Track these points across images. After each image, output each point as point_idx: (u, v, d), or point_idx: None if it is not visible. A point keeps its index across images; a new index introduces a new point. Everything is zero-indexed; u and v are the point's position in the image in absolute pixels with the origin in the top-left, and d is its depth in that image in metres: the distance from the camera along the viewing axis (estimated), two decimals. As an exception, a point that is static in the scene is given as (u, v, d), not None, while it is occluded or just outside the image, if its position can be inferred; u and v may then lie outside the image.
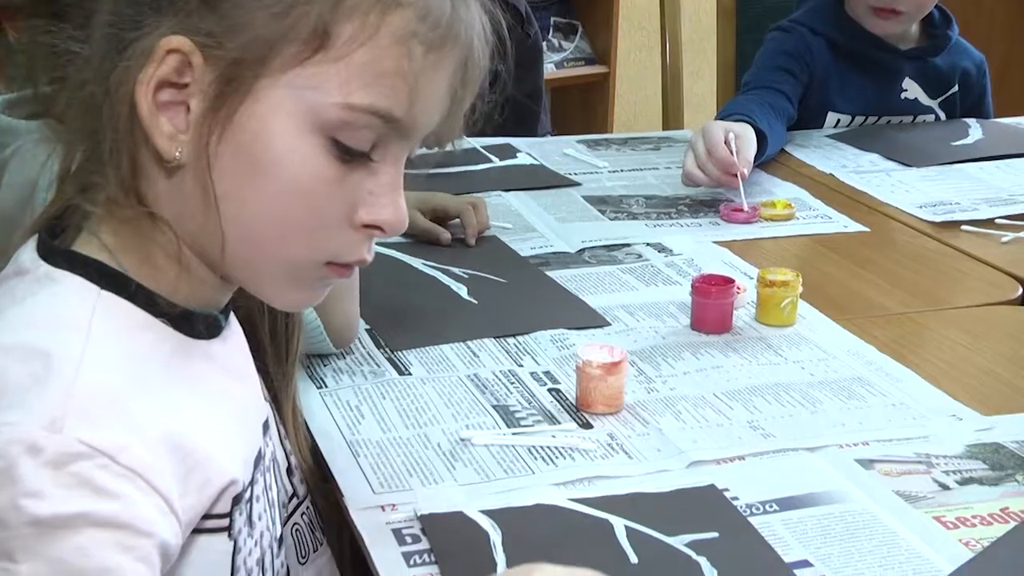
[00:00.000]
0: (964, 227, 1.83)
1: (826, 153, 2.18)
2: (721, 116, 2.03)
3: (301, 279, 0.89)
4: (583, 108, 3.72)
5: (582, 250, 1.72)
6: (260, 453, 0.95)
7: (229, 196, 0.84)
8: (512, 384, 1.32)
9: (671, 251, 1.71)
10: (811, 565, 1.02)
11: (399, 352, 1.38)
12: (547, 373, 1.35)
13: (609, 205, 1.91)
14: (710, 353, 1.40)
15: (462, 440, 1.20)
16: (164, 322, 0.87)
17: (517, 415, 1.25)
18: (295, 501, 1.05)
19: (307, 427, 1.17)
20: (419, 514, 1.07)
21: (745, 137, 1.89)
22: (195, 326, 0.90)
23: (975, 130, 2.28)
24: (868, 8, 2.22)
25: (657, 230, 1.80)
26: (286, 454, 1.05)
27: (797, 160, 2.15)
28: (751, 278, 1.55)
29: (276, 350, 1.06)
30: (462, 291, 1.55)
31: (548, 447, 1.19)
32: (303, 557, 1.04)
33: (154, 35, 0.82)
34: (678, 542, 1.04)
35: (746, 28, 2.60)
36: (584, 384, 1.26)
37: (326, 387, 1.31)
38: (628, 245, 1.74)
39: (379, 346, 1.40)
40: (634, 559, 1.01)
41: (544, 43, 3.35)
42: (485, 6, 0.89)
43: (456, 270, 1.60)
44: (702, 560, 1.02)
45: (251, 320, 1.03)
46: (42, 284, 0.85)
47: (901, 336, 1.47)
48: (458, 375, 1.34)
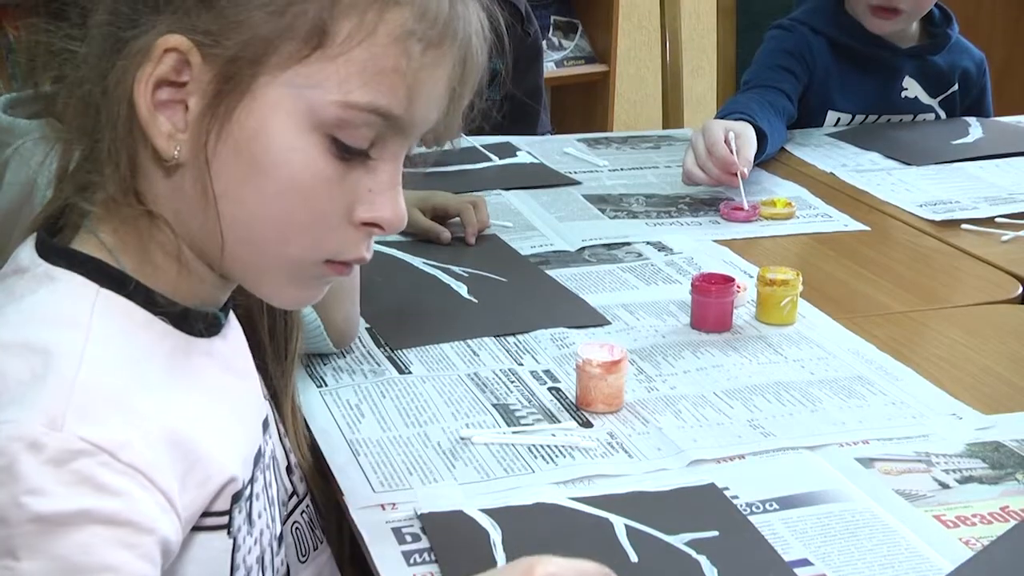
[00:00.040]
0: (964, 226, 1.83)
1: (826, 152, 2.18)
2: (721, 115, 2.03)
3: (300, 277, 0.89)
4: (583, 107, 3.72)
5: (582, 249, 1.72)
6: (260, 451, 0.95)
7: (228, 195, 0.84)
8: (512, 383, 1.32)
9: (671, 250, 1.71)
10: (811, 564, 1.02)
11: (399, 351, 1.38)
12: (547, 372, 1.35)
13: (609, 204, 1.91)
14: (710, 352, 1.40)
15: (462, 439, 1.20)
16: (164, 320, 0.87)
17: (517, 414, 1.25)
18: (295, 499, 1.05)
19: (307, 425, 1.17)
20: (419, 513, 1.07)
21: (745, 136, 1.88)
22: (195, 324, 0.90)
23: (975, 129, 2.27)
24: (867, 7, 2.21)
25: (657, 229, 1.80)
26: (285, 452, 1.05)
27: (797, 159, 2.15)
28: (751, 277, 1.55)
29: (275, 348, 1.06)
30: (462, 290, 1.55)
31: (548, 446, 1.19)
32: (303, 555, 1.04)
33: (152, 34, 0.82)
34: (678, 541, 1.04)
35: (746, 27, 2.60)
36: (584, 383, 1.26)
37: (326, 386, 1.31)
38: (628, 244, 1.74)
39: (379, 345, 1.40)
40: (634, 558, 1.01)
41: (544, 41, 3.35)
42: (483, 3, 0.89)
43: (456, 269, 1.60)
44: (702, 559, 1.02)
45: (250, 318, 1.03)
46: (41, 282, 0.85)
47: (901, 335, 1.47)
48: (458, 374, 1.34)
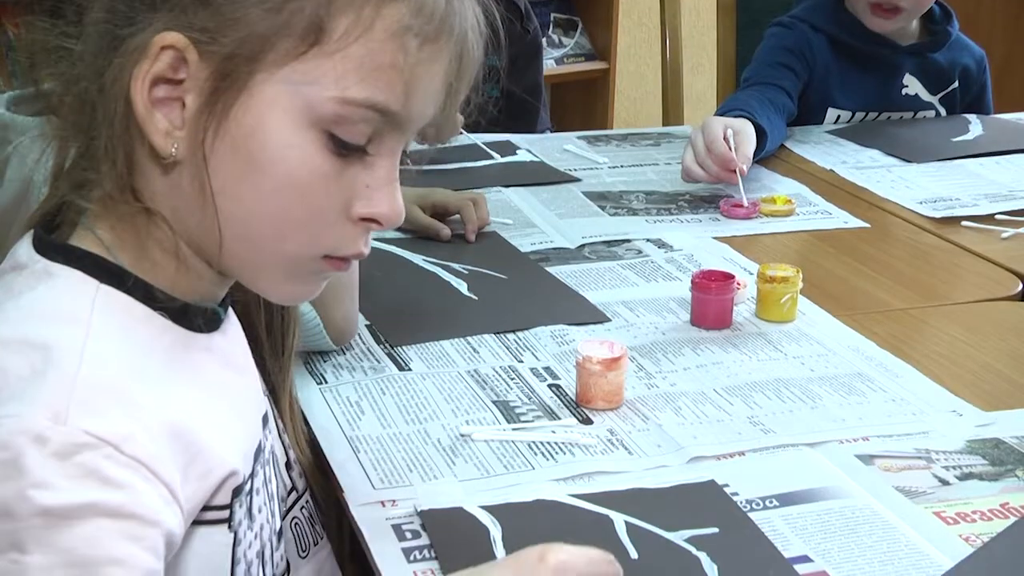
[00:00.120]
0: (964, 223, 1.83)
1: (826, 149, 2.18)
2: (721, 112, 2.03)
3: (298, 273, 0.90)
4: (583, 104, 3.72)
5: (582, 246, 1.72)
6: (260, 446, 0.95)
7: (225, 191, 0.84)
8: (512, 380, 1.32)
9: (671, 247, 1.71)
10: (811, 560, 1.02)
11: (399, 348, 1.38)
12: (547, 369, 1.35)
13: (609, 201, 1.91)
14: (710, 349, 1.40)
15: (462, 436, 1.20)
16: (163, 315, 0.87)
17: (517, 411, 1.25)
18: (294, 495, 1.05)
19: (305, 421, 1.17)
20: (419, 510, 1.07)
21: (744, 133, 1.88)
22: (194, 320, 0.90)
23: (975, 126, 2.27)
24: (867, 5, 2.21)
25: (657, 226, 1.80)
26: (284, 448, 1.05)
27: (797, 156, 2.15)
28: (751, 274, 1.55)
29: (273, 344, 1.06)
30: (462, 287, 1.55)
31: (548, 443, 1.19)
32: (303, 551, 1.04)
33: (148, 31, 0.82)
34: (678, 537, 1.04)
35: (746, 24, 2.60)
36: (584, 380, 1.26)
37: (326, 383, 1.31)
38: (628, 241, 1.74)
39: (379, 342, 1.40)
40: (634, 554, 1.01)
41: (544, 39, 3.35)
42: None
43: (456, 266, 1.60)
44: (702, 555, 1.02)
45: (248, 314, 1.03)
46: (40, 279, 0.85)
47: (901, 332, 1.47)
48: (458, 371, 1.34)
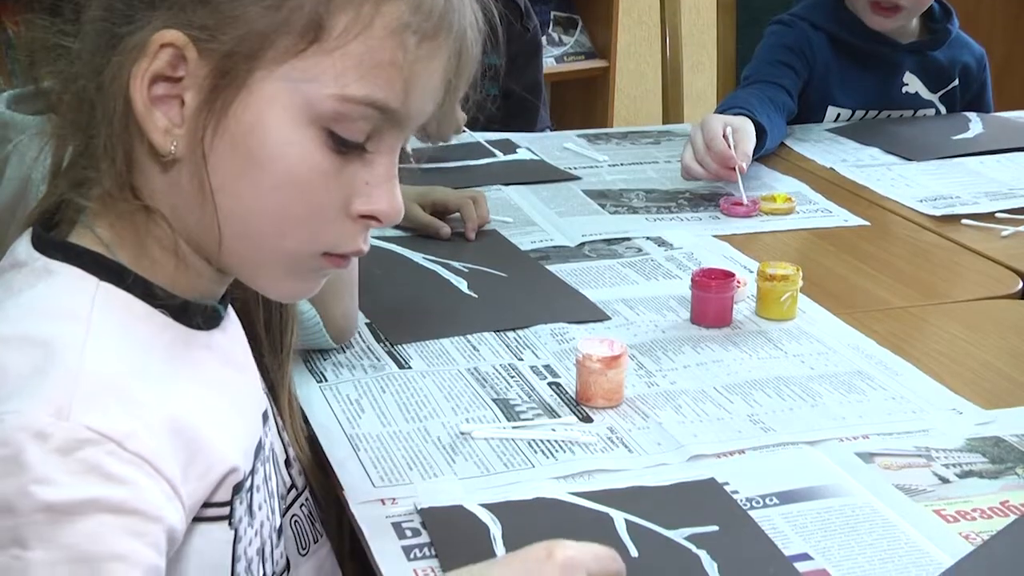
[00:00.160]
0: (964, 221, 1.82)
1: (826, 147, 2.18)
2: (721, 110, 2.02)
3: (297, 270, 0.90)
4: (583, 102, 3.72)
5: (582, 244, 1.72)
6: (260, 443, 0.95)
7: (225, 189, 0.84)
8: (512, 378, 1.32)
9: (671, 245, 1.71)
10: (811, 558, 1.02)
11: (399, 346, 1.38)
12: (547, 367, 1.35)
13: (609, 199, 1.91)
14: (710, 347, 1.40)
15: (462, 434, 1.20)
16: (163, 312, 0.87)
17: (517, 409, 1.25)
18: (293, 492, 1.05)
19: (305, 419, 1.17)
20: (419, 508, 1.07)
21: (743, 131, 1.88)
22: (194, 317, 0.90)
23: (975, 124, 2.27)
24: (867, 3, 2.21)
25: (657, 224, 1.80)
26: (284, 446, 1.05)
27: (797, 154, 2.15)
28: (751, 272, 1.55)
29: (271, 341, 1.06)
30: (462, 285, 1.55)
31: (548, 441, 1.19)
32: (303, 548, 1.04)
33: (147, 29, 0.82)
34: (678, 535, 1.04)
35: (746, 22, 2.60)
36: (584, 378, 1.26)
37: (326, 381, 1.31)
38: (628, 239, 1.73)
39: (379, 340, 1.40)
40: (634, 552, 1.01)
41: (544, 37, 3.35)
42: None
43: (456, 264, 1.60)
44: (702, 553, 1.02)
45: (247, 312, 1.03)
46: (39, 276, 0.85)
47: (901, 330, 1.47)
48: (458, 369, 1.34)
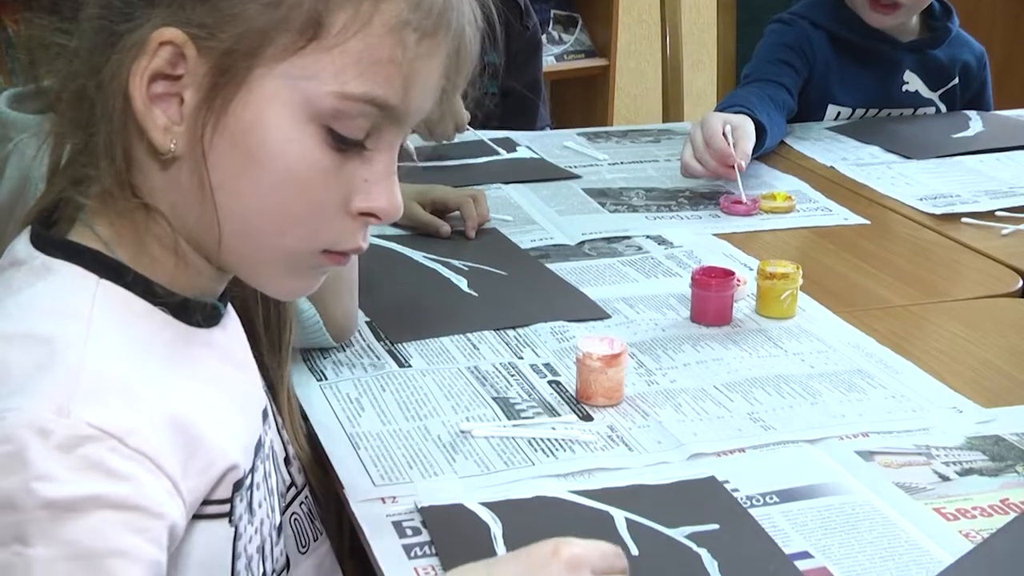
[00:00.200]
0: (964, 219, 1.82)
1: (826, 146, 2.18)
2: (721, 108, 2.02)
3: (297, 268, 0.90)
4: (583, 101, 3.72)
5: (582, 242, 1.72)
6: (260, 441, 0.95)
7: (224, 187, 0.84)
8: (512, 376, 1.32)
9: (671, 243, 1.71)
10: (811, 556, 1.02)
11: (399, 344, 1.38)
12: (547, 365, 1.35)
13: (609, 198, 1.91)
14: (710, 345, 1.40)
15: (462, 432, 1.20)
16: (163, 310, 0.87)
17: (517, 407, 1.25)
18: (293, 491, 1.05)
19: (305, 418, 1.17)
20: (419, 506, 1.07)
21: (743, 129, 1.88)
22: (194, 315, 0.90)
23: (975, 122, 2.27)
24: (866, 1, 2.21)
25: (657, 222, 1.80)
26: (283, 444, 1.05)
27: (797, 152, 2.15)
28: (751, 270, 1.55)
29: (271, 339, 1.06)
30: (462, 283, 1.55)
31: (548, 439, 1.19)
32: (303, 546, 1.04)
33: (146, 27, 0.82)
34: (678, 534, 1.04)
35: (746, 20, 2.60)
36: (584, 376, 1.26)
37: (326, 379, 1.31)
38: (628, 237, 1.73)
39: (379, 338, 1.40)
40: (635, 551, 1.01)
41: (544, 36, 3.35)
42: None
43: (456, 262, 1.60)
44: (703, 552, 1.02)
45: (246, 309, 1.03)
46: (39, 274, 0.85)
47: (901, 328, 1.47)
48: (458, 367, 1.34)
